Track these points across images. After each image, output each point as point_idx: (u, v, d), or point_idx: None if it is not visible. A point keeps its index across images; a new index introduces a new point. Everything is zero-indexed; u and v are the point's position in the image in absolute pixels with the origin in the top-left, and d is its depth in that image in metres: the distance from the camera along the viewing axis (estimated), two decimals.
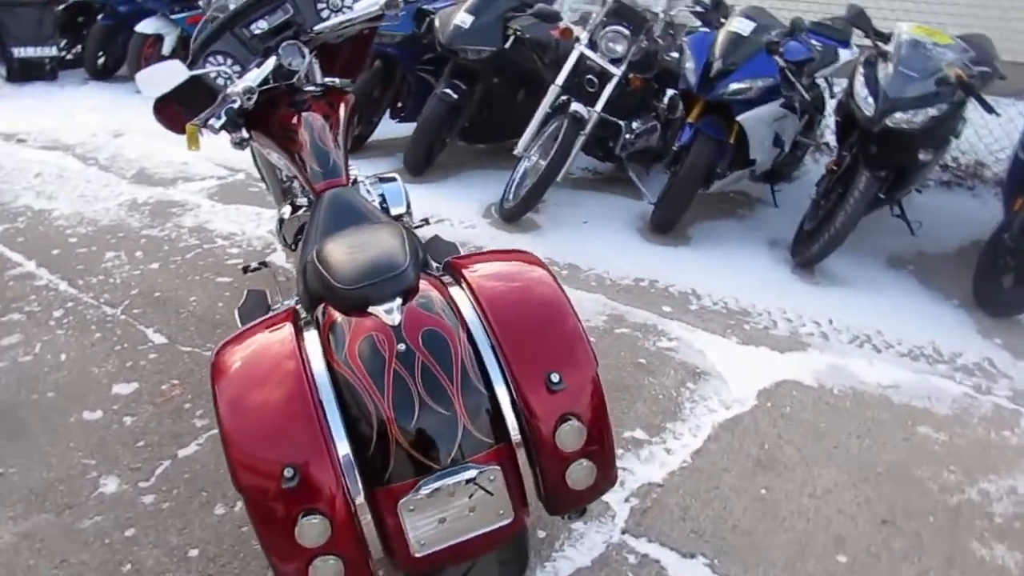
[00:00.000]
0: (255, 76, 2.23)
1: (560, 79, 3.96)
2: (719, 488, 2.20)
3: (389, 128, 5.08)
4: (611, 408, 2.53)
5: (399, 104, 5.15)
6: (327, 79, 2.87)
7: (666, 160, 4.11)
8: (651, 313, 3.15)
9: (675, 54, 4.22)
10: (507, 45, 4.37)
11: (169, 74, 2.15)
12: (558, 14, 4.26)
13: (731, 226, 4.12)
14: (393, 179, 2.49)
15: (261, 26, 2.42)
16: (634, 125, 4.26)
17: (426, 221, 2.91)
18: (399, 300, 1.46)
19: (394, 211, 2.42)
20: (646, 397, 2.61)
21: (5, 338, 2.75)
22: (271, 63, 2.29)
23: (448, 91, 4.38)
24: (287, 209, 2.47)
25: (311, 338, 1.50)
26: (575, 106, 3.86)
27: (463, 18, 4.25)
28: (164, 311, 2.97)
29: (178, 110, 2.32)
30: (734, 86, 3.61)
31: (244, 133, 2.49)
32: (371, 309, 1.45)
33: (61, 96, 6.10)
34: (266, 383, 1.40)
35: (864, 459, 2.34)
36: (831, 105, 4.37)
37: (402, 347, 1.42)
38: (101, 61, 6.53)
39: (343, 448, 1.35)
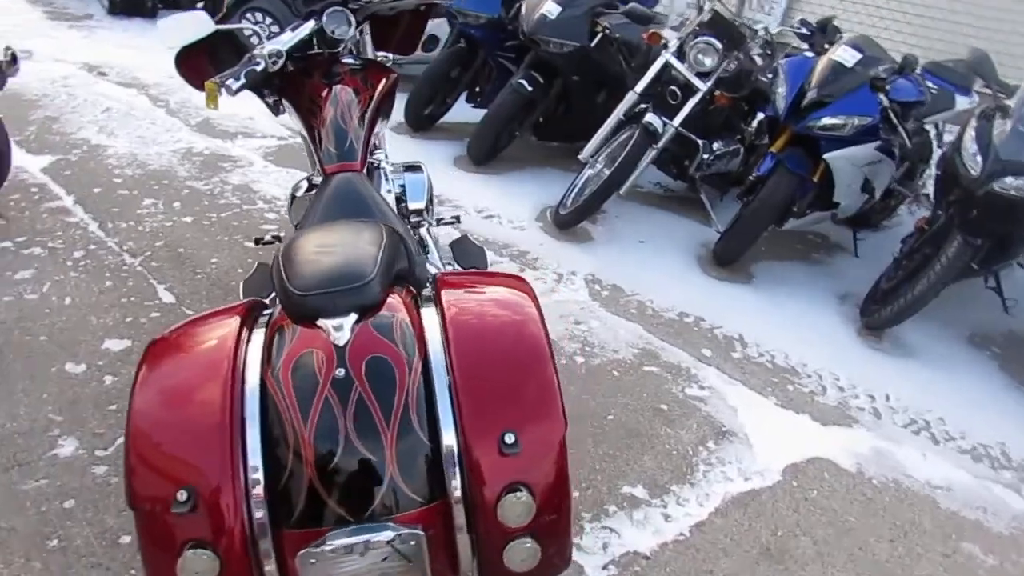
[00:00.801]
0: (287, 39, 2.08)
1: (639, 86, 3.69)
2: (713, 573, 1.94)
3: (463, 111, 4.90)
4: (616, 455, 2.31)
5: (477, 88, 4.97)
6: (379, 53, 2.72)
7: (741, 188, 3.79)
8: (688, 354, 2.88)
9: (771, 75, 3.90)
10: (593, 42, 4.13)
11: (192, 25, 2.02)
12: (652, 16, 3.99)
13: (800, 270, 3.77)
14: (418, 169, 2.31)
15: None
16: (715, 145, 3.96)
17: (456, 219, 2.72)
18: (353, 317, 1.26)
19: (412, 204, 2.23)
20: (658, 450, 2.35)
21: (20, 271, 2.70)
22: (308, 27, 2.14)
23: (523, 82, 4.16)
24: (303, 185, 2.32)
25: (256, 342, 1.32)
26: (649, 117, 3.59)
27: (550, 8, 4.02)
28: (181, 269, 2.87)
29: (205, 64, 2.19)
30: (826, 120, 3.27)
31: (275, 96, 2.37)
32: (320, 322, 1.26)
33: (153, 34, 6.14)
34: (189, 388, 1.23)
35: (891, 571, 2.03)
36: (938, 155, 3.96)
37: (341, 372, 1.22)
38: (200, 5, 6.57)
39: (255, 478, 1.16)
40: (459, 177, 4.25)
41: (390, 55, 2.75)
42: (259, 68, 1.98)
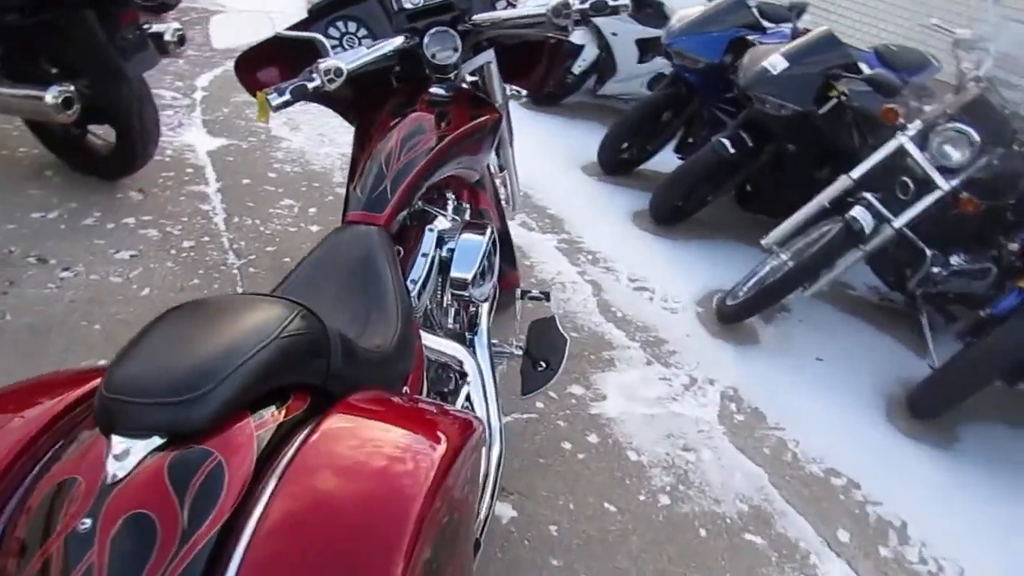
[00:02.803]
0: (356, 56, 1.78)
1: (857, 171, 2.97)
2: None
3: (670, 160, 4.37)
4: None
5: (690, 139, 4.43)
6: (512, 87, 2.38)
7: (963, 323, 2.93)
8: (815, 532, 2.18)
9: None
10: (823, 108, 3.44)
11: (247, 26, 1.79)
12: (899, 87, 3.21)
13: None
14: (480, 231, 1.87)
15: (414, 1, 1.97)
16: (953, 259, 3.10)
17: (546, 296, 2.27)
18: (153, 443, 0.89)
19: (455, 273, 1.80)
20: None
21: (123, 251, 2.69)
22: (389, 45, 1.83)
23: (725, 142, 3.57)
24: None
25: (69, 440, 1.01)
26: (857, 212, 2.86)
27: (775, 61, 3.39)
28: (275, 281, 2.70)
29: (286, 72, 1.96)
30: None
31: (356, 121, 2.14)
32: (112, 438, 0.91)
33: None
34: None
35: None
36: None
37: (85, 525, 0.85)
38: None
39: None
40: (630, 235, 3.75)
41: (522, 91, 2.39)
42: (311, 84, 1.70)
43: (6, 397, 1.06)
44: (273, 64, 1.94)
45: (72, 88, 2.52)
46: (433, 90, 1.89)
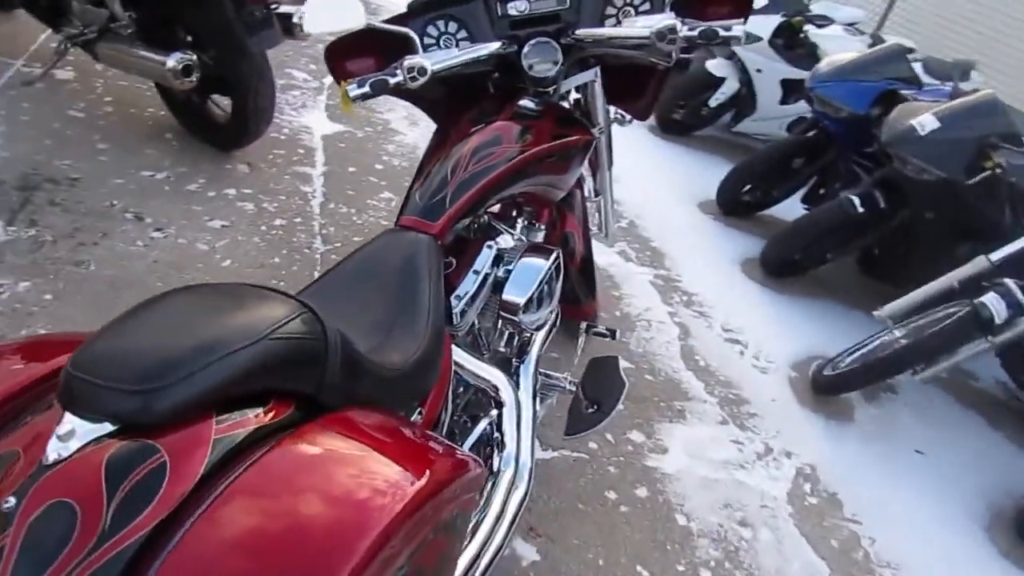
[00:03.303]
0: (444, 57, 1.71)
1: (999, 253, 2.66)
2: None
3: (793, 208, 4.10)
4: None
5: (822, 191, 4.14)
6: (617, 110, 2.27)
7: None
8: None
9: None
10: (973, 179, 3.10)
11: (341, 14, 1.75)
12: None
13: None
14: (543, 255, 1.75)
15: (520, 7, 1.88)
16: None
17: (612, 334, 2.13)
18: (102, 428, 0.84)
19: (507, 296, 1.69)
20: None
21: (216, 220, 2.74)
22: (481, 50, 1.76)
23: (855, 199, 3.30)
24: None
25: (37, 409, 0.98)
26: (989, 299, 2.55)
27: (925, 121, 3.09)
28: None
29: (381, 63, 1.92)
30: None
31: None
32: (64, 416, 0.87)
33: None
34: None
35: None
36: None
37: (9, 504, 0.81)
38: None
39: None
40: (734, 281, 3.52)
41: (626, 115, 2.26)
42: (392, 80, 1.65)
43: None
44: (367, 55, 1.90)
45: (193, 57, 2.59)
46: (522, 102, 1.80)
